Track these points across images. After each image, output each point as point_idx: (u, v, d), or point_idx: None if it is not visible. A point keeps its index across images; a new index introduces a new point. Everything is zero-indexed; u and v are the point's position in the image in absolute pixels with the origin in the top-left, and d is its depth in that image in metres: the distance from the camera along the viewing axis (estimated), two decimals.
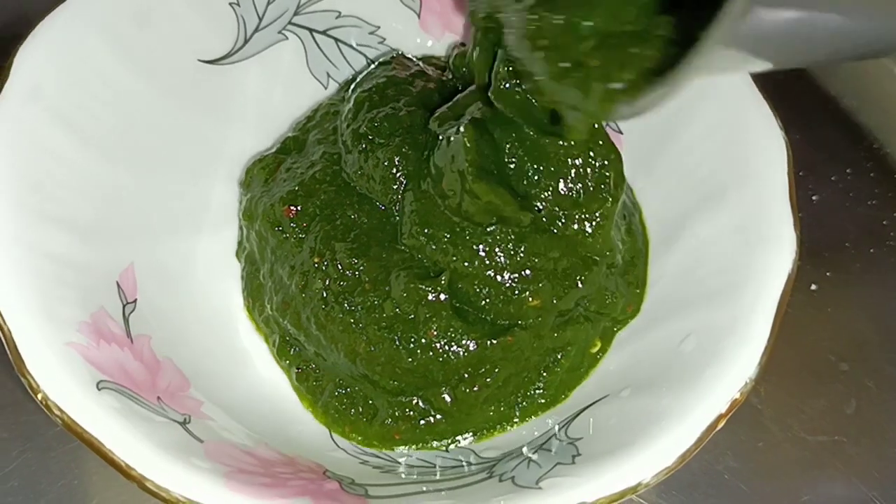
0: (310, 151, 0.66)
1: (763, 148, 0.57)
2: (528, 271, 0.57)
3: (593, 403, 0.56)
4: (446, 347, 0.56)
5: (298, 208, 0.61)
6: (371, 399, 0.59)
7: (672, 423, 0.47)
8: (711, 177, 0.59)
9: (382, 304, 0.57)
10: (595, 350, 0.61)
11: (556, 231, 0.57)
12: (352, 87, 0.67)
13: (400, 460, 0.58)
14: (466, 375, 0.57)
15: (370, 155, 0.61)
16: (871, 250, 0.74)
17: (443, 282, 0.56)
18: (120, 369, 0.51)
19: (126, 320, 0.56)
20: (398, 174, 0.60)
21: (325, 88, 0.73)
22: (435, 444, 0.59)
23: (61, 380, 0.47)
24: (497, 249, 0.57)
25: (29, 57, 0.57)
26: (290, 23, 0.70)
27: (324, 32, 0.72)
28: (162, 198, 0.64)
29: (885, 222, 0.76)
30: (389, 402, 0.59)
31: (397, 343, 0.56)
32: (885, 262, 0.74)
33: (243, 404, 0.59)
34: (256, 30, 0.69)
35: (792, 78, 0.83)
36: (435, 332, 0.56)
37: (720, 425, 0.46)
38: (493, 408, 0.59)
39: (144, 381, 0.52)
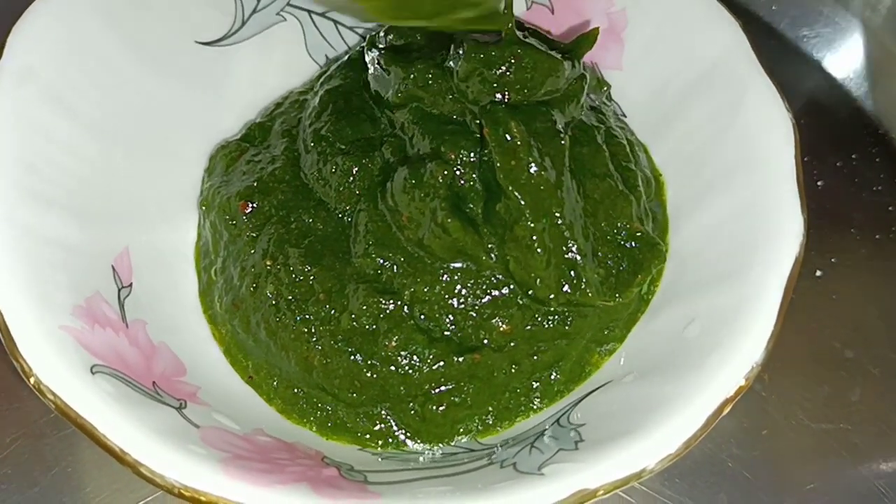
0: (273, 143, 0.64)
1: (770, 130, 0.55)
2: (495, 292, 0.55)
3: (596, 389, 0.55)
4: (407, 361, 0.55)
5: (255, 205, 0.60)
6: (336, 412, 0.57)
7: (677, 409, 0.46)
8: (717, 159, 0.58)
9: (339, 316, 0.55)
10: (595, 357, 0.59)
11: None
12: (321, 80, 0.65)
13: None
14: (433, 392, 0.55)
15: (329, 159, 0.59)
16: (877, 236, 0.74)
17: (405, 296, 0.55)
18: (114, 354, 0.50)
19: (121, 304, 0.55)
20: (353, 186, 0.58)
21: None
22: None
23: (54, 364, 0.46)
24: (459, 276, 0.55)
25: (22, 37, 0.56)
26: (288, 4, 0.69)
27: (323, 14, 0.70)
28: (157, 181, 0.63)
29: (890, 208, 0.75)
30: (356, 414, 0.57)
31: (356, 356, 0.55)
32: (891, 248, 0.73)
33: (239, 390, 0.58)
34: (254, 11, 0.68)
35: (797, 62, 0.83)
36: (395, 345, 0.54)
37: (726, 410, 0.45)
38: (473, 422, 0.57)
39: (139, 366, 0.52)
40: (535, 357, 0.57)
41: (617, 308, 0.57)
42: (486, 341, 0.56)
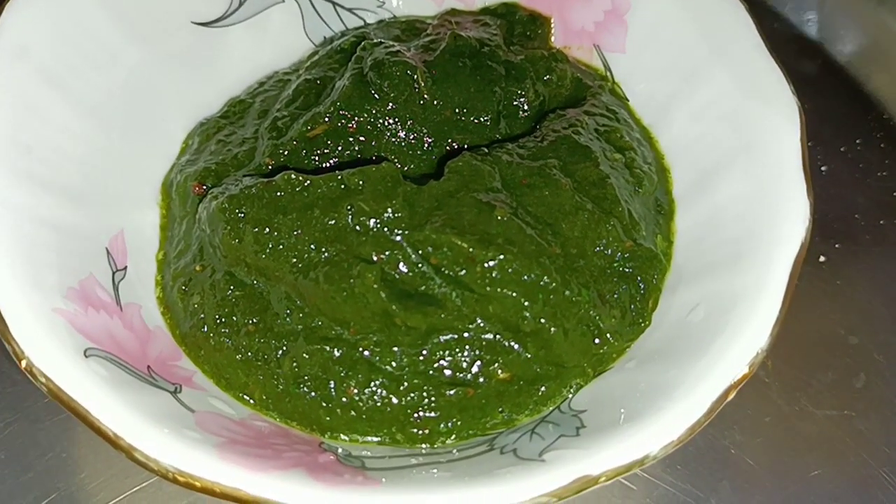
0: (248, 122, 0.63)
1: (776, 113, 0.55)
2: (485, 338, 0.52)
3: (598, 375, 0.54)
4: (370, 402, 0.52)
5: (207, 187, 0.58)
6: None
7: (680, 395, 0.45)
8: (722, 143, 0.57)
9: (278, 359, 0.52)
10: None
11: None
12: (307, 63, 0.65)
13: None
14: (414, 418, 0.52)
15: (281, 155, 0.58)
16: (881, 222, 0.73)
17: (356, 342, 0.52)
18: (109, 337, 0.50)
19: (115, 287, 0.54)
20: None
21: None
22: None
23: (47, 346, 0.45)
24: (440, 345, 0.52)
25: (16, 15, 0.55)
26: None
27: None
28: (154, 162, 0.62)
29: (895, 193, 0.74)
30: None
31: (309, 396, 0.52)
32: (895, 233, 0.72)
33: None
34: None
35: (800, 46, 0.82)
36: (355, 391, 0.51)
37: (731, 396, 0.45)
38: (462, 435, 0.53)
39: (134, 350, 0.51)
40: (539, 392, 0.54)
41: None
42: (481, 380, 0.53)
